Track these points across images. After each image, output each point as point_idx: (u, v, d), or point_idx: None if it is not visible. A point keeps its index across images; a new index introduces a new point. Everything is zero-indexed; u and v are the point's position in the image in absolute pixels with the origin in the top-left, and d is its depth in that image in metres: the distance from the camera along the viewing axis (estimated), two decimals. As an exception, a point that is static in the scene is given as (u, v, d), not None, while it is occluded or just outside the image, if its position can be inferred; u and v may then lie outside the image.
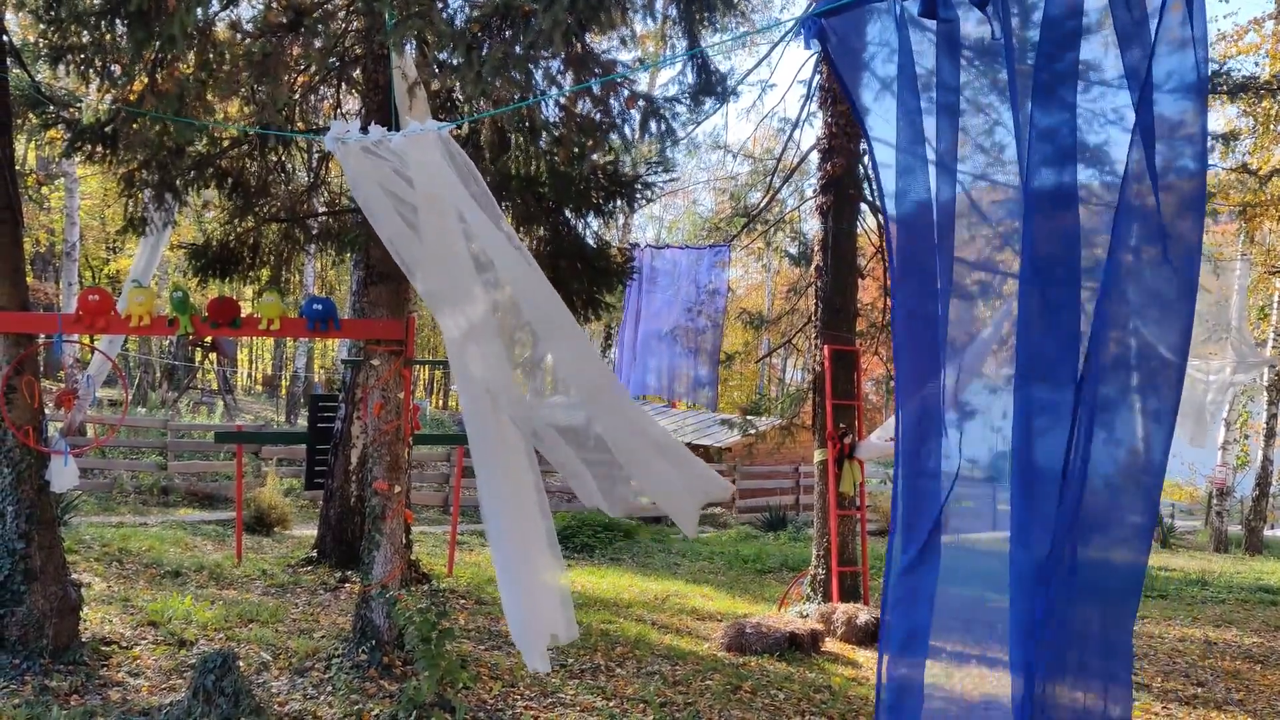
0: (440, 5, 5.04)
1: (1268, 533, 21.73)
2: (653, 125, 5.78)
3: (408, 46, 5.04)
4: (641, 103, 5.88)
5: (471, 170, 4.25)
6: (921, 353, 3.13)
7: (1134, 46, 2.62)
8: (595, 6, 4.43)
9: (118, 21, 5.35)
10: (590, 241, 7.98)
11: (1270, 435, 20.04)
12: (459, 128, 4.36)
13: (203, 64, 5.60)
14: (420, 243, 4.50)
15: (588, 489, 4.96)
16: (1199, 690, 7.94)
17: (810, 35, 3.02)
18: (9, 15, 6.51)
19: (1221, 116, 19.66)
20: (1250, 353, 13.23)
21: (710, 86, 6.01)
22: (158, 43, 5.20)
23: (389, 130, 4.35)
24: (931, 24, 2.88)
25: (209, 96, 5.79)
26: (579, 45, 4.90)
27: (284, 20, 5.57)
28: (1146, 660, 8.93)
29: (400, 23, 4.57)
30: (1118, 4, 2.62)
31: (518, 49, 4.65)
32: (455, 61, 4.67)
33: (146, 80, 5.65)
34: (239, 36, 5.83)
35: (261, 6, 5.58)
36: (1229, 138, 12.56)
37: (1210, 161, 12.88)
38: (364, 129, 4.33)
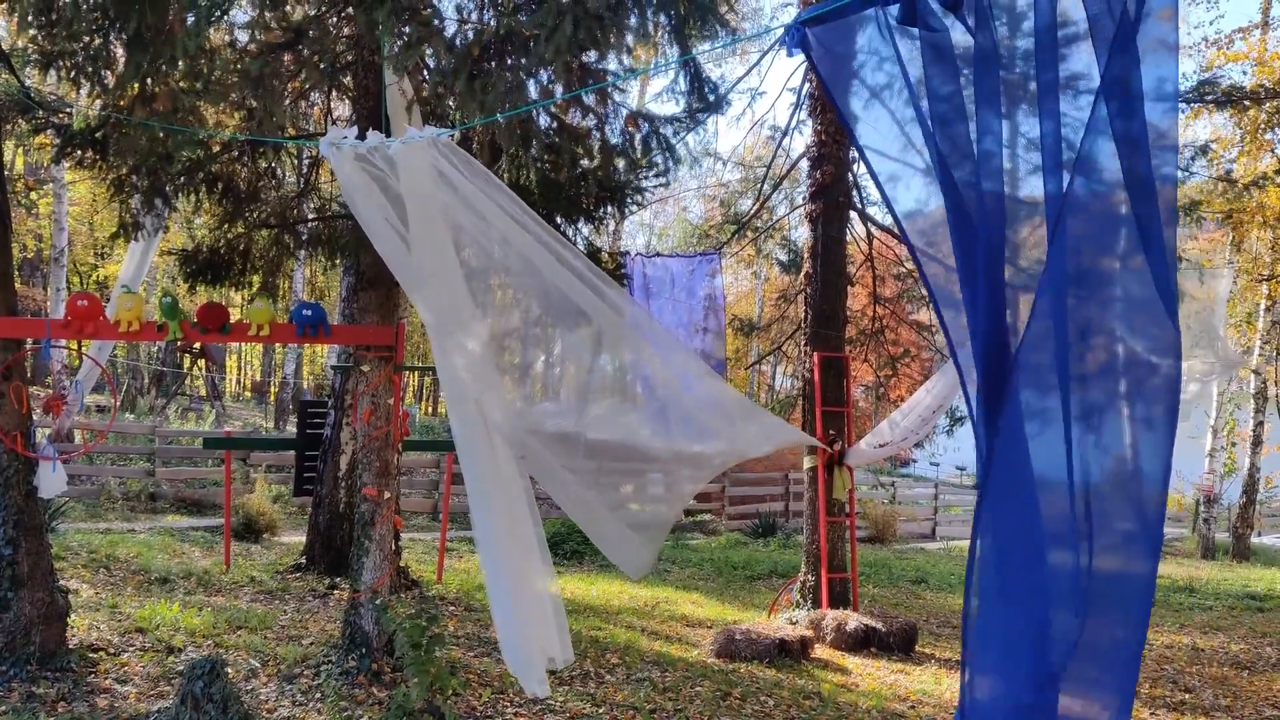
0: (437, 24, 5.05)
1: (1255, 540, 21.85)
2: (653, 144, 5.82)
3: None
4: (643, 122, 5.92)
5: (479, 169, 4.24)
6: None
7: (1120, 55, 2.64)
8: (594, 33, 4.46)
9: (112, 35, 5.35)
10: (581, 247, 7.99)
11: (1257, 443, 20.15)
12: (452, 136, 4.36)
13: (196, 74, 5.60)
14: (410, 251, 4.51)
15: (570, 500, 4.94)
16: (1186, 697, 7.98)
17: (793, 44, 3.03)
18: (-1, 21, 6.50)
19: (1208, 125, 19.81)
20: (1234, 357, 13.35)
21: (703, 95, 6.04)
22: (154, 64, 5.20)
23: (386, 137, 4.35)
24: (920, 32, 2.90)
25: (201, 106, 5.79)
26: (576, 65, 4.94)
27: (282, 40, 5.58)
28: (1134, 666, 8.94)
29: (405, 48, 4.59)
30: (1103, 13, 2.65)
31: (520, 73, 4.68)
32: (458, 86, 4.68)
33: (140, 92, 5.65)
34: (234, 55, 5.84)
35: (254, 14, 5.58)
36: (1204, 148, 12.67)
37: (1194, 170, 13.01)
38: (361, 136, 4.33)
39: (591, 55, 5.35)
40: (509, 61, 4.85)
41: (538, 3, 4.78)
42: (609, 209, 7.73)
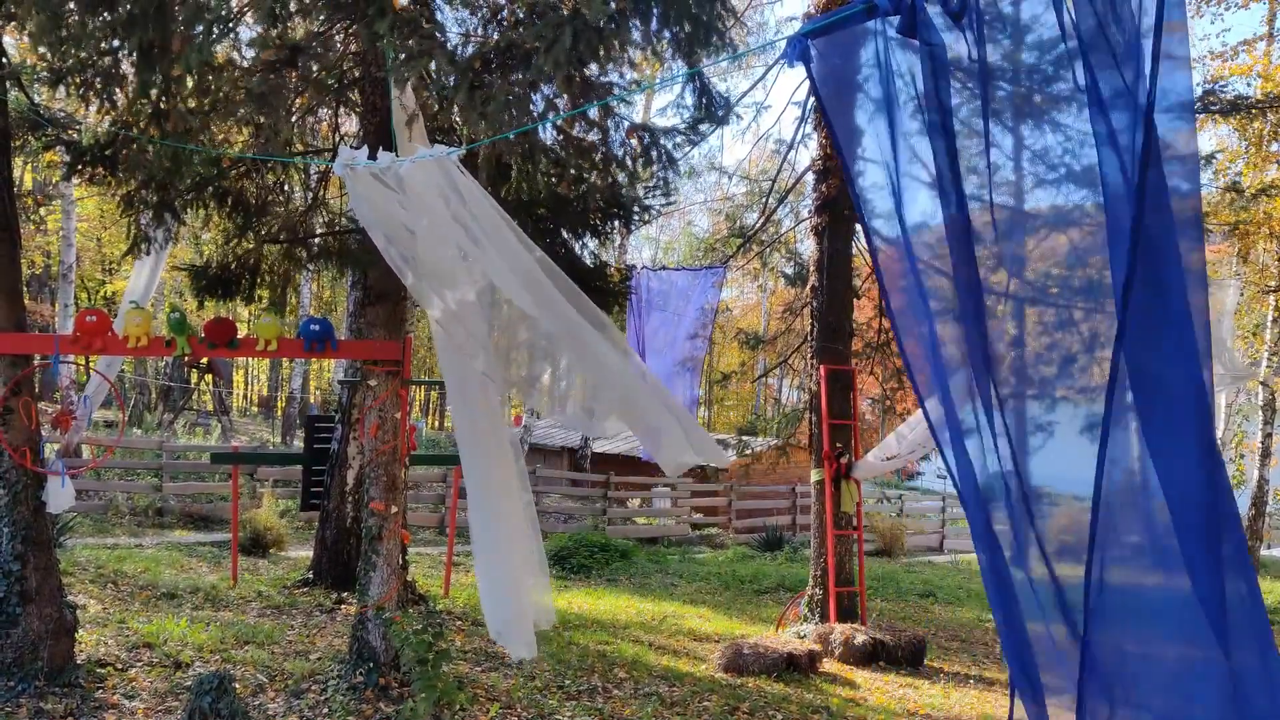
0: (439, 37, 5.09)
1: (1264, 552, 21.74)
2: (653, 155, 5.84)
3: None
4: (644, 134, 5.94)
5: (481, 192, 4.29)
6: (922, 372, 3.14)
7: (1127, 67, 2.65)
8: (594, 45, 4.49)
9: (121, 53, 5.39)
10: (588, 262, 8.01)
11: (1265, 455, 20.06)
12: (463, 154, 4.40)
13: (204, 91, 5.64)
14: (419, 264, 4.55)
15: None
16: (1197, 710, 7.92)
17: (794, 56, 3.04)
18: (8, 39, 6.55)
19: (1213, 137, 19.81)
20: (1242, 369, 13.31)
21: (709, 109, 6.07)
22: (162, 81, 5.24)
23: (396, 157, 4.39)
24: (926, 46, 2.91)
25: (212, 124, 5.83)
26: (578, 77, 4.96)
27: (280, 58, 5.62)
28: (1144, 680, 8.90)
29: (406, 60, 4.62)
30: (1110, 25, 2.66)
31: (518, 87, 4.71)
32: (459, 99, 4.71)
33: (150, 110, 5.69)
34: (238, 72, 5.88)
35: (259, 31, 5.62)
36: (1209, 159, 12.67)
37: (1200, 181, 13.00)
38: (372, 156, 4.37)
39: (593, 68, 5.38)
40: (512, 75, 4.88)
41: (540, 17, 4.82)
42: (615, 224, 7.75)
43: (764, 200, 14.69)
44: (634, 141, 6.08)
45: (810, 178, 11.07)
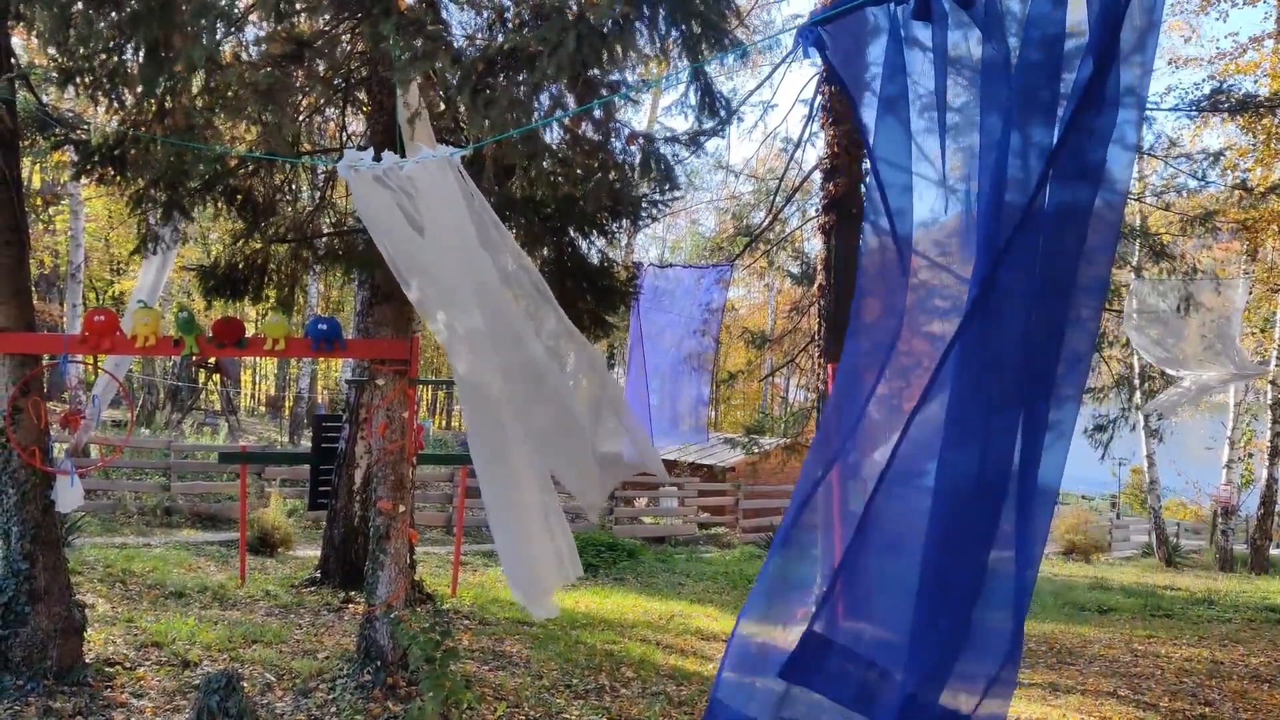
0: (445, 39, 5.10)
1: (1273, 551, 21.66)
2: (652, 164, 5.84)
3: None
4: (642, 141, 5.94)
5: (478, 197, 4.30)
6: (920, 371, 3.13)
7: (1133, 65, 2.64)
8: (598, 49, 4.48)
9: (129, 50, 5.40)
10: (594, 261, 8.01)
11: (1275, 454, 19.98)
12: (465, 154, 4.40)
13: (209, 89, 5.65)
14: (425, 263, 4.56)
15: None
16: (1206, 710, 7.90)
17: (808, 44, 3.03)
18: (16, 40, 6.57)
19: (1221, 135, 19.74)
20: (1250, 367, 13.26)
21: (714, 110, 6.06)
22: (168, 79, 5.25)
23: (400, 158, 4.40)
24: (931, 43, 2.91)
25: (217, 122, 5.84)
26: (582, 80, 4.97)
27: (286, 52, 5.62)
28: (1153, 680, 8.89)
29: (411, 60, 4.63)
30: (1118, 22, 2.64)
31: (522, 90, 4.72)
32: (463, 100, 4.72)
33: (156, 108, 5.70)
34: (244, 67, 5.89)
35: (265, 31, 5.64)
36: (1216, 157, 12.62)
37: (1210, 179, 12.96)
38: (377, 157, 4.37)
39: (598, 70, 5.38)
40: (518, 77, 4.88)
41: (545, 19, 4.82)
42: (622, 222, 7.75)
43: (771, 199, 14.68)
44: (634, 149, 6.08)
45: (817, 176, 11.07)
